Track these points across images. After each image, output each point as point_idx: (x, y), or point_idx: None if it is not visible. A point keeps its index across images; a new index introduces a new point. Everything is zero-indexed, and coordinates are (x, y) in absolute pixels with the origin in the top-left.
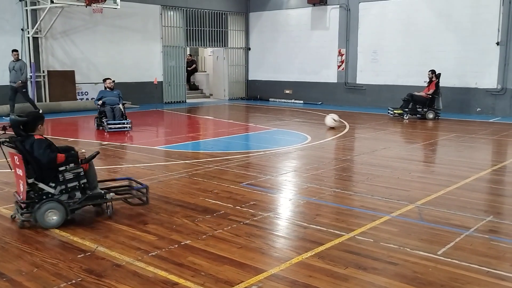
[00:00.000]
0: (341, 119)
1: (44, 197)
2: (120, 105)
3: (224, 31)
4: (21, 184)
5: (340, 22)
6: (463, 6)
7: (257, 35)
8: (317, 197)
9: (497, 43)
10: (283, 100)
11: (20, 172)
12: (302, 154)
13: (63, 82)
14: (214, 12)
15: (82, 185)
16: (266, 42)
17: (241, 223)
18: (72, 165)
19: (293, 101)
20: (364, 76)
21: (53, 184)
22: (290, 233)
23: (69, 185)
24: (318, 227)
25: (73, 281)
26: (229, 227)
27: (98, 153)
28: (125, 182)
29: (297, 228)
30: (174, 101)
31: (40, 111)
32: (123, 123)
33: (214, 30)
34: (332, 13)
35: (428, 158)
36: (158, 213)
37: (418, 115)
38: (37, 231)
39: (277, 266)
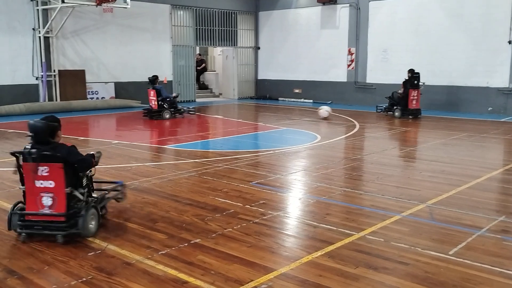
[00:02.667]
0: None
1: (85, 204)
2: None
3: (234, 30)
4: (47, 198)
5: (350, 21)
6: (474, 5)
7: (267, 34)
8: (327, 196)
9: (509, 42)
10: (292, 100)
11: (48, 183)
12: (311, 153)
13: (74, 81)
14: (223, 11)
15: (91, 187)
16: (276, 41)
17: (251, 222)
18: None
19: (302, 100)
20: (374, 75)
21: (82, 191)
22: (300, 232)
23: (86, 189)
24: (328, 226)
25: (84, 279)
26: (239, 226)
27: (100, 154)
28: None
29: (307, 227)
30: (184, 100)
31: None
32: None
33: (224, 30)
34: (342, 12)
35: (439, 158)
36: (167, 211)
37: (391, 112)
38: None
39: (287, 265)
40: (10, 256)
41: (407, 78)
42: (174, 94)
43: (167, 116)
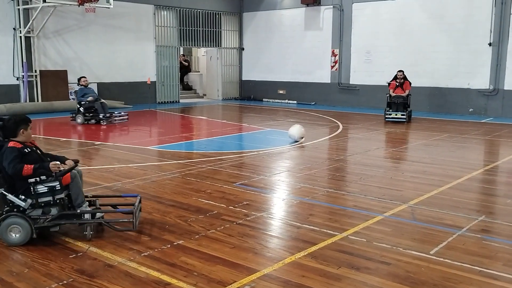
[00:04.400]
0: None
1: (15, 210)
2: (102, 100)
3: (218, 31)
4: None
5: (333, 23)
6: (456, 7)
7: (251, 35)
8: (310, 197)
9: (490, 44)
10: (276, 101)
11: None
12: (295, 154)
13: (56, 81)
14: (207, 12)
15: (58, 201)
16: (260, 42)
17: (234, 223)
18: (44, 177)
19: (286, 101)
20: (358, 76)
21: (23, 197)
22: (283, 233)
23: (42, 199)
24: (311, 227)
25: (65, 282)
26: (222, 227)
27: (76, 164)
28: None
29: (290, 228)
30: (168, 101)
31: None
32: (122, 114)
33: (208, 30)
34: (326, 13)
35: (421, 158)
36: (150, 213)
37: None
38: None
39: (270, 266)
40: None
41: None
42: (89, 98)
43: (79, 120)
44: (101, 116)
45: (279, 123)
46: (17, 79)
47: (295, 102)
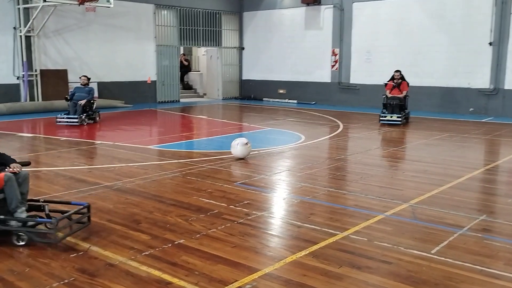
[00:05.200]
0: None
1: None
2: (83, 101)
3: (218, 30)
4: None
5: (334, 22)
6: (456, 7)
7: (251, 34)
8: (311, 196)
9: (490, 44)
10: (277, 100)
11: None
12: (296, 154)
13: (56, 81)
14: (207, 12)
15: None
16: (260, 41)
17: (235, 222)
18: None
19: (287, 100)
20: (358, 76)
21: None
22: (284, 232)
23: None
24: (312, 226)
25: (66, 281)
26: (223, 226)
27: (17, 171)
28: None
29: (291, 227)
30: (168, 101)
31: None
32: (71, 118)
33: (208, 30)
34: (326, 13)
35: (421, 158)
36: (151, 212)
37: None
38: None
39: (271, 265)
40: None
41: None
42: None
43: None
44: (61, 116)
45: (280, 123)
46: (18, 79)
47: (295, 101)
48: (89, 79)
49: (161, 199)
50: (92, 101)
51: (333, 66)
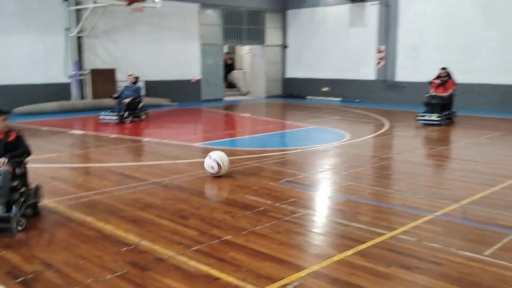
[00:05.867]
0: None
1: None
2: (128, 99)
3: (262, 29)
4: None
5: (379, 19)
6: (508, 1)
7: (295, 32)
8: (357, 195)
9: None
10: (320, 98)
11: None
12: (340, 152)
13: (105, 80)
14: (251, 10)
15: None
16: (304, 39)
17: (281, 220)
18: None
19: (330, 98)
20: (404, 73)
21: None
22: (330, 231)
23: None
24: (359, 225)
25: (118, 274)
26: (269, 224)
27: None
28: None
29: (337, 226)
30: (212, 99)
31: None
32: (110, 115)
33: (252, 28)
34: (371, 9)
35: (471, 157)
36: (198, 208)
37: None
38: (82, 224)
39: (318, 263)
40: (47, 250)
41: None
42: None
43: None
44: (107, 114)
45: (323, 121)
46: (69, 78)
47: (339, 99)
48: (136, 78)
49: (207, 196)
50: (138, 100)
51: (378, 63)
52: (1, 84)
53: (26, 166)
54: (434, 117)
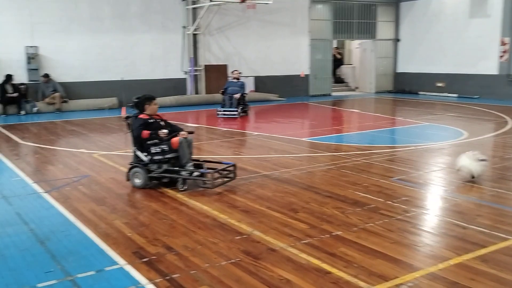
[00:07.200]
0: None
1: (140, 163)
2: (238, 95)
3: (373, 22)
4: None
5: (504, 8)
6: None
7: (408, 25)
8: (477, 197)
9: None
10: (434, 94)
11: None
12: (457, 151)
13: (217, 75)
14: (363, 4)
15: (168, 159)
16: (418, 32)
17: (393, 218)
18: (157, 141)
19: (446, 94)
20: None
21: (145, 154)
22: (447, 232)
23: (156, 157)
24: (480, 229)
25: (233, 260)
26: (381, 222)
27: (174, 134)
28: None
29: (455, 227)
30: (320, 94)
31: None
32: (230, 111)
33: (362, 22)
34: None
35: None
36: (308, 202)
37: None
38: (199, 212)
39: (434, 265)
40: (168, 234)
41: None
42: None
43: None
44: (220, 109)
45: (438, 117)
46: (185, 73)
47: (455, 95)
48: (240, 73)
49: (317, 190)
50: (244, 95)
51: (501, 56)
52: (127, 79)
53: None
54: None
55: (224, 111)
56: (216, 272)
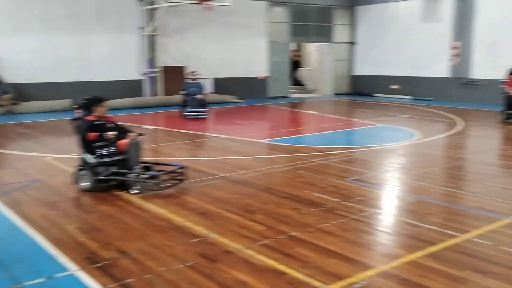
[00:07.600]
0: None
1: (87, 165)
2: (201, 95)
3: (329, 26)
4: None
5: (455, 14)
6: None
7: (364, 29)
8: (428, 196)
9: None
10: (389, 96)
11: None
12: (410, 151)
13: (175, 77)
14: (319, 7)
15: (115, 162)
16: (373, 36)
17: (348, 218)
18: (104, 143)
19: (400, 96)
20: (480, 70)
21: (93, 156)
22: (400, 231)
23: (104, 159)
24: (430, 227)
25: (188, 264)
26: (336, 222)
27: (122, 136)
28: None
29: (407, 226)
30: (278, 96)
31: None
32: (199, 111)
33: (319, 25)
34: (445, 4)
35: None
36: (265, 203)
37: None
38: (154, 215)
39: (387, 263)
40: (123, 238)
41: None
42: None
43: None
44: (188, 110)
45: (393, 119)
46: (142, 75)
47: (409, 97)
48: (197, 74)
49: (274, 192)
50: (205, 95)
51: (452, 60)
52: (82, 80)
53: None
54: None
55: (192, 112)
56: (171, 276)
